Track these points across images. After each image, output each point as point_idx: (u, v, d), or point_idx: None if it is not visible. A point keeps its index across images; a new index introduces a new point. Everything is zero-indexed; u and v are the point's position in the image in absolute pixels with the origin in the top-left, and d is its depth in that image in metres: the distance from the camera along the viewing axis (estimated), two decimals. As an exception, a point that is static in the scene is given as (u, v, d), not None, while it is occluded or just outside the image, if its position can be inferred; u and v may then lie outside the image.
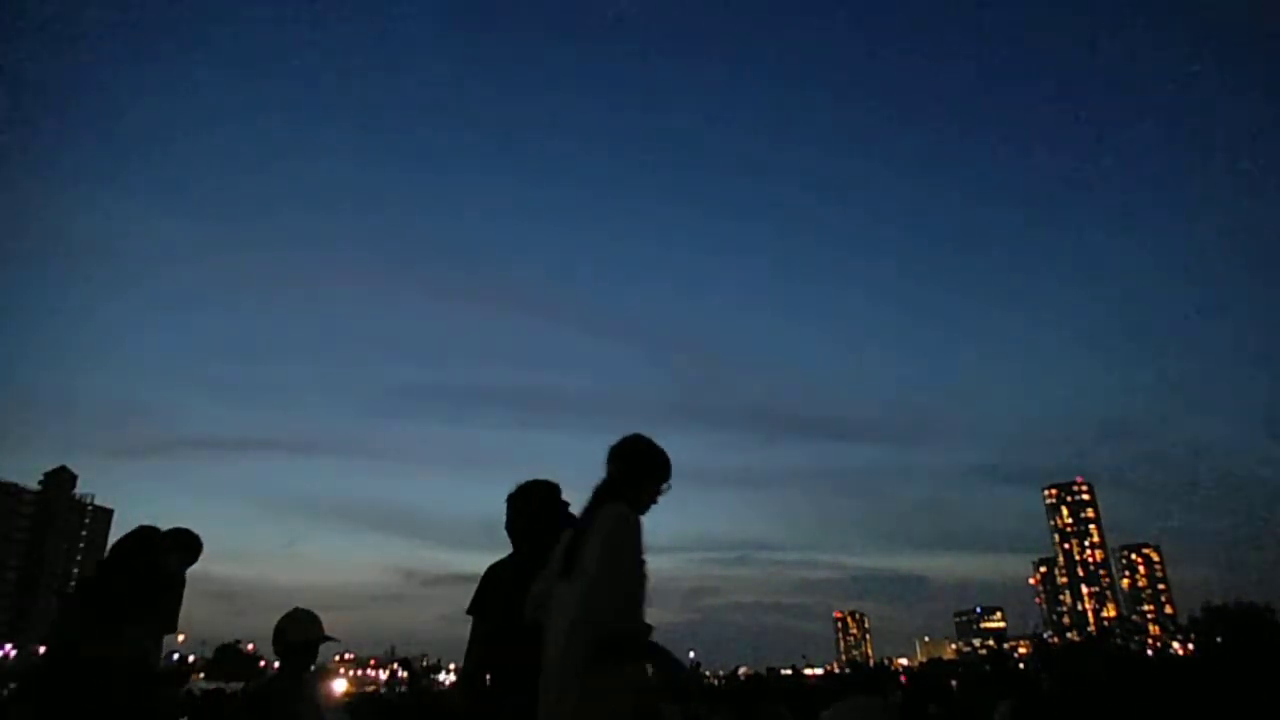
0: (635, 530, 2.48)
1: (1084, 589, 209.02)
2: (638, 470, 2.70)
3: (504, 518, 3.22)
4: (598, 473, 2.75)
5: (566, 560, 2.54)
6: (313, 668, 3.63)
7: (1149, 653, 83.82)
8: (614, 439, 2.80)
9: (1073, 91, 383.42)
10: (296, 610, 3.55)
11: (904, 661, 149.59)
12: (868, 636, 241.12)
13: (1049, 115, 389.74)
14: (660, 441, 2.78)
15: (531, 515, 3.15)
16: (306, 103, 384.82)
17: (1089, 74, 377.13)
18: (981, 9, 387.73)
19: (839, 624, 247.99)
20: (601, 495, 2.64)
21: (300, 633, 3.47)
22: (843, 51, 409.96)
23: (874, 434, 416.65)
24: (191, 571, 4.28)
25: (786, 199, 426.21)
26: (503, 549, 3.24)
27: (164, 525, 4.15)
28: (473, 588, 3.14)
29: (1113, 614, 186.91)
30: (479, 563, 3.11)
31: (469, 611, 3.11)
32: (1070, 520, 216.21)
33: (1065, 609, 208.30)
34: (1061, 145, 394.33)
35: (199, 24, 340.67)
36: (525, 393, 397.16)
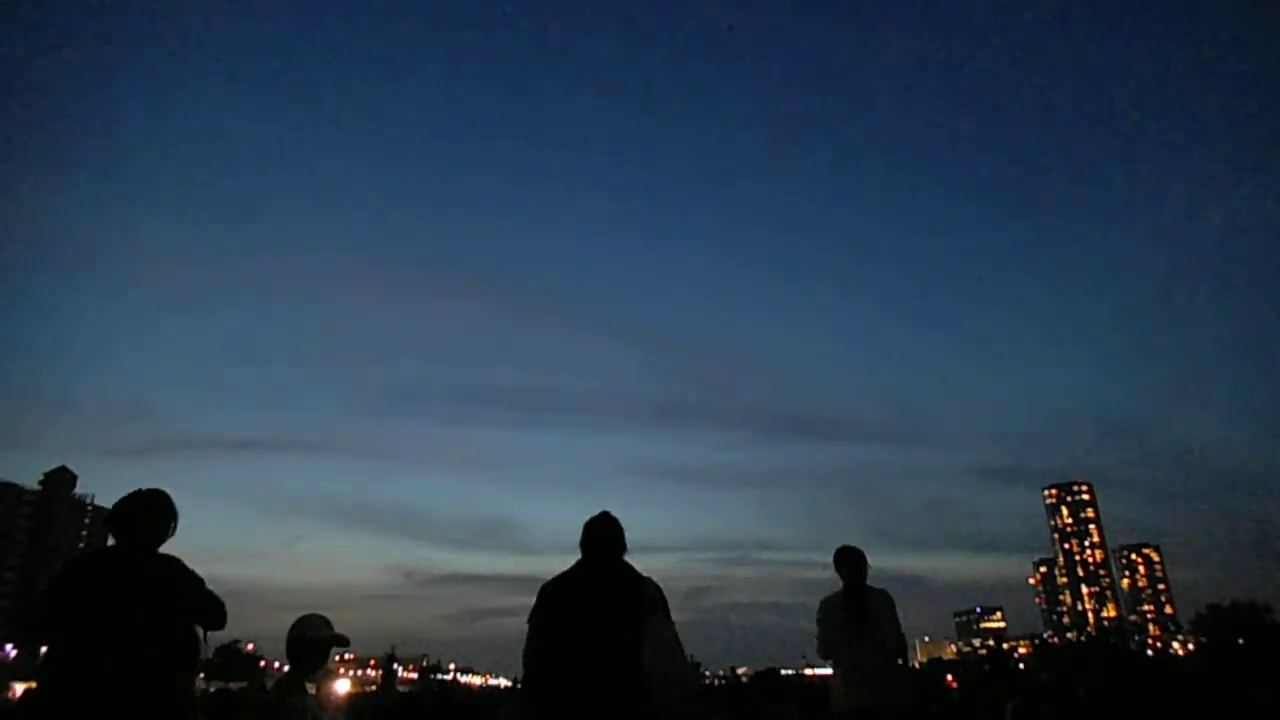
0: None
1: (1084, 589, 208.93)
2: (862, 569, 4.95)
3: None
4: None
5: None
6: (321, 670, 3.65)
7: (1149, 653, 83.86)
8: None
9: (1073, 92, 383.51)
10: (312, 615, 3.58)
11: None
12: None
13: (1052, 117, 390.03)
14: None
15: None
16: (306, 105, 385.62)
17: (1089, 75, 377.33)
18: (985, 12, 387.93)
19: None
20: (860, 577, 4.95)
21: (316, 632, 3.50)
22: (844, 55, 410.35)
23: (874, 434, 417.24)
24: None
25: (787, 201, 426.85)
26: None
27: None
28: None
29: (1113, 614, 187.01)
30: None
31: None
32: (1070, 520, 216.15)
33: (1065, 609, 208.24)
34: (1063, 146, 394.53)
35: (200, 27, 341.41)
36: (525, 393, 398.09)
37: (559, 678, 2.87)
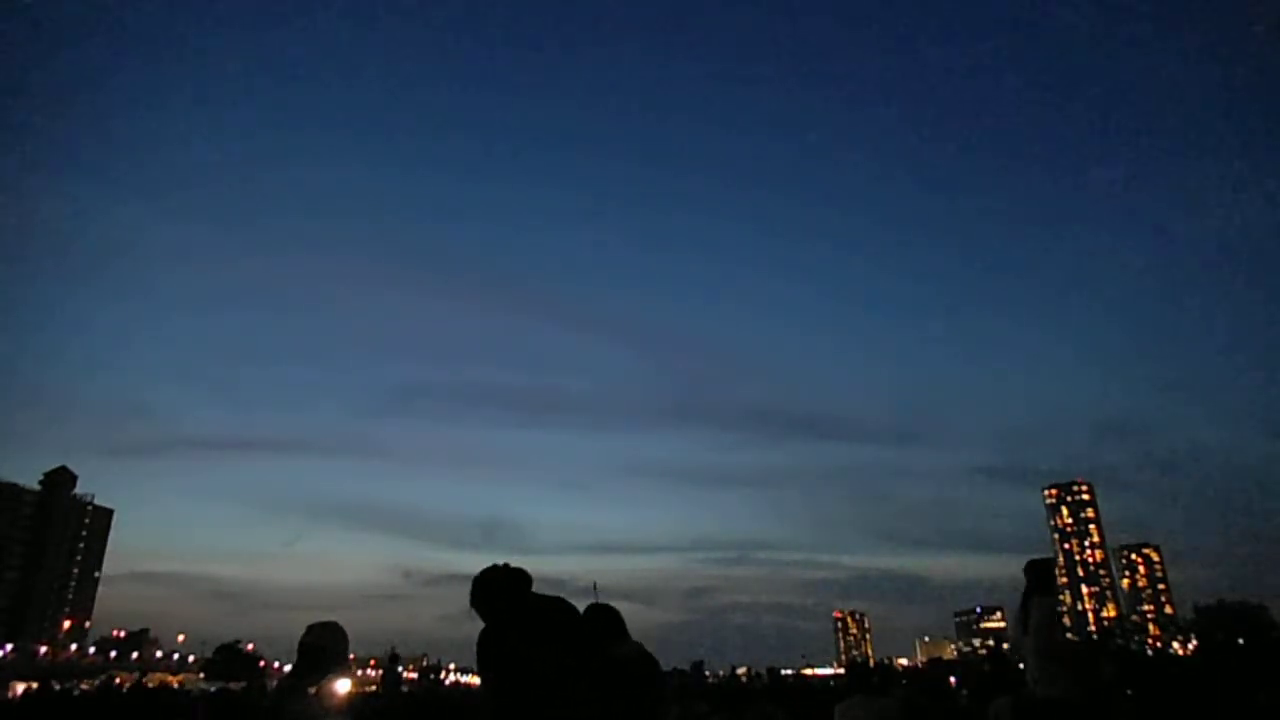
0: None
1: (1084, 589, 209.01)
2: (1047, 579, 5.76)
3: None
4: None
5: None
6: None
7: (1149, 653, 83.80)
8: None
9: (1073, 93, 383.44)
10: (332, 625, 3.60)
11: (904, 661, 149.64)
12: (868, 636, 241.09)
13: (1052, 118, 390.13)
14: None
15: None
16: (306, 107, 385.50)
17: (1088, 76, 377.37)
18: (983, 14, 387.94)
19: (839, 624, 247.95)
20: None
21: (326, 640, 3.52)
22: (844, 56, 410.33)
23: (874, 434, 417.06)
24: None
25: (787, 201, 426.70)
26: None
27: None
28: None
29: (1113, 614, 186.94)
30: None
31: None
32: (1070, 520, 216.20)
33: (1065, 609, 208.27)
34: (1063, 146, 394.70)
35: (202, 29, 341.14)
36: (525, 393, 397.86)
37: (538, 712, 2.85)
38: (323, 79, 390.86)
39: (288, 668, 3.72)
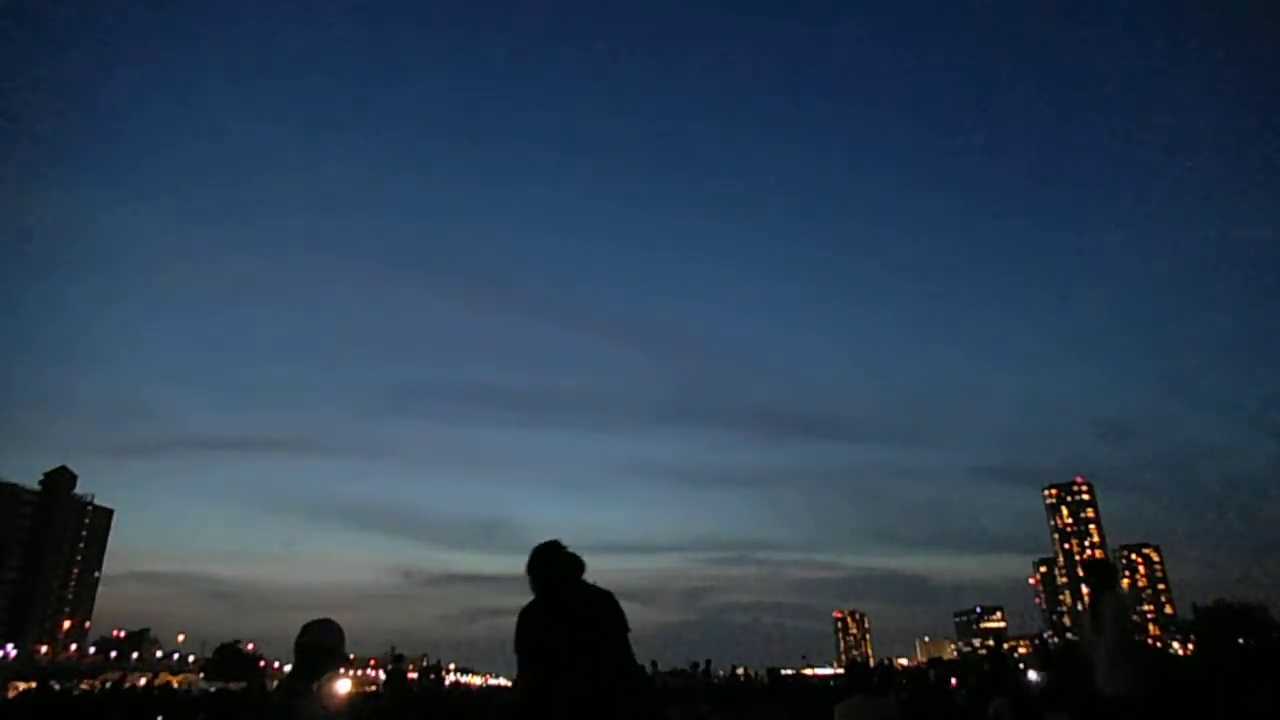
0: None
1: (1084, 589, 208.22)
2: (1109, 577, 6.27)
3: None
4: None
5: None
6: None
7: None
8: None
9: (1072, 94, 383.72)
10: (326, 622, 3.60)
11: (904, 661, 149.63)
12: (868, 636, 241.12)
13: (1051, 118, 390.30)
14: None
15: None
16: (307, 107, 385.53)
17: (1086, 76, 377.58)
18: (978, 14, 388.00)
19: (839, 624, 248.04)
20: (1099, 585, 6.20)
21: (324, 639, 3.52)
22: (841, 55, 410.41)
23: (874, 434, 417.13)
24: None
25: (786, 202, 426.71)
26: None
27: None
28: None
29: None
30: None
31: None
32: (1070, 520, 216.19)
33: (1065, 609, 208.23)
34: (1063, 146, 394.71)
35: (203, 28, 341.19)
36: (525, 393, 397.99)
37: (564, 696, 2.93)
38: (323, 79, 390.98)
39: (288, 668, 3.71)
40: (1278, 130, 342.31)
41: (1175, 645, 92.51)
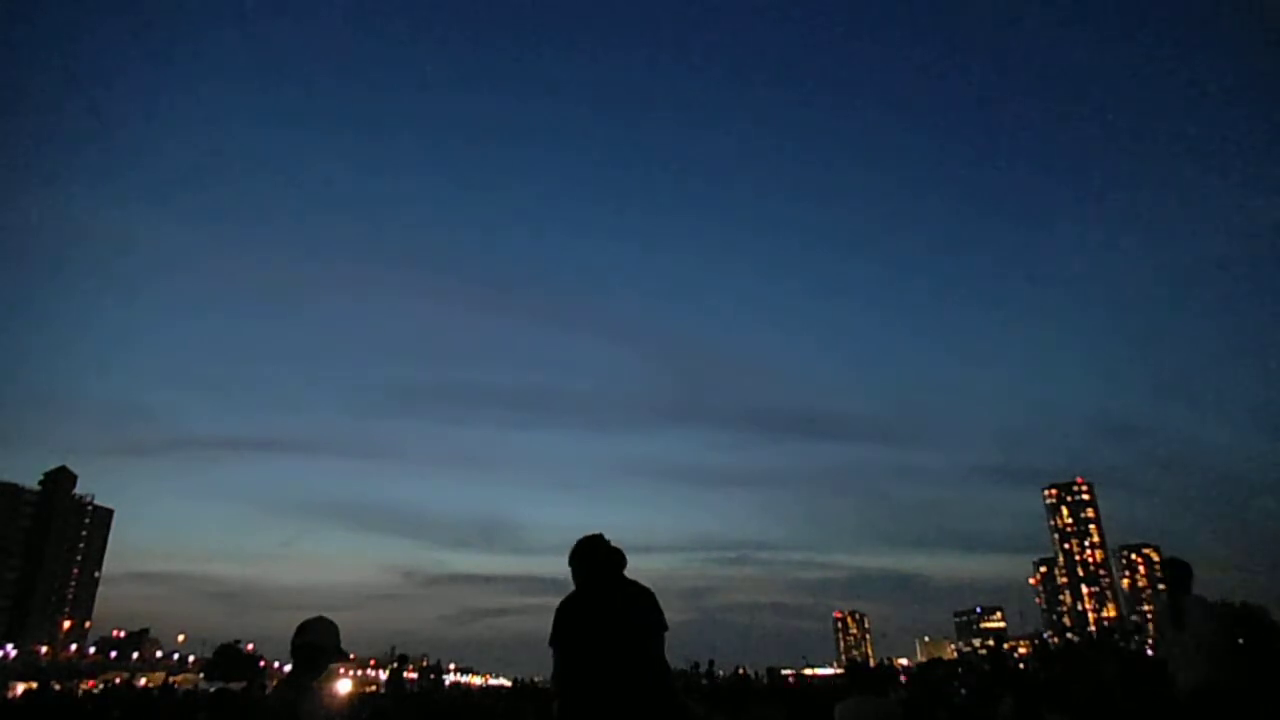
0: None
1: (1084, 589, 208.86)
2: (1189, 577, 6.03)
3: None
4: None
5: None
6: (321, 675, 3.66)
7: (1149, 653, 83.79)
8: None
9: (1070, 95, 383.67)
10: (320, 620, 3.60)
11: (904, 661, 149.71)
12: (868, 636, 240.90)
13: (1051, 118, 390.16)
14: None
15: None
16: (306, 108, 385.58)
17: (1085, 77, 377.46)
18: (976, 15, 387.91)
19: (839, 624, 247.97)
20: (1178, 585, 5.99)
21: (322, 638, 3.52)
22: (836, 57, 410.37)
23: (873, 434, 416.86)
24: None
25: (786, 203, 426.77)
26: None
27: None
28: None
29: (1113, 614, 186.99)
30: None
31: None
32: (1070, 520, 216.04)
33: (1065, 609, 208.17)
34: (1063, 146, 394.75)
35: (202, 30, 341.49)
36: (525, 393, 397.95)
37: (599, 692, 2.93)
38: (323, 79, 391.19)
39: (288, 668, 3.71)
40: (1278, 130, 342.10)
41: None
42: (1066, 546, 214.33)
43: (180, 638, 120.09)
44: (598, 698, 2.91)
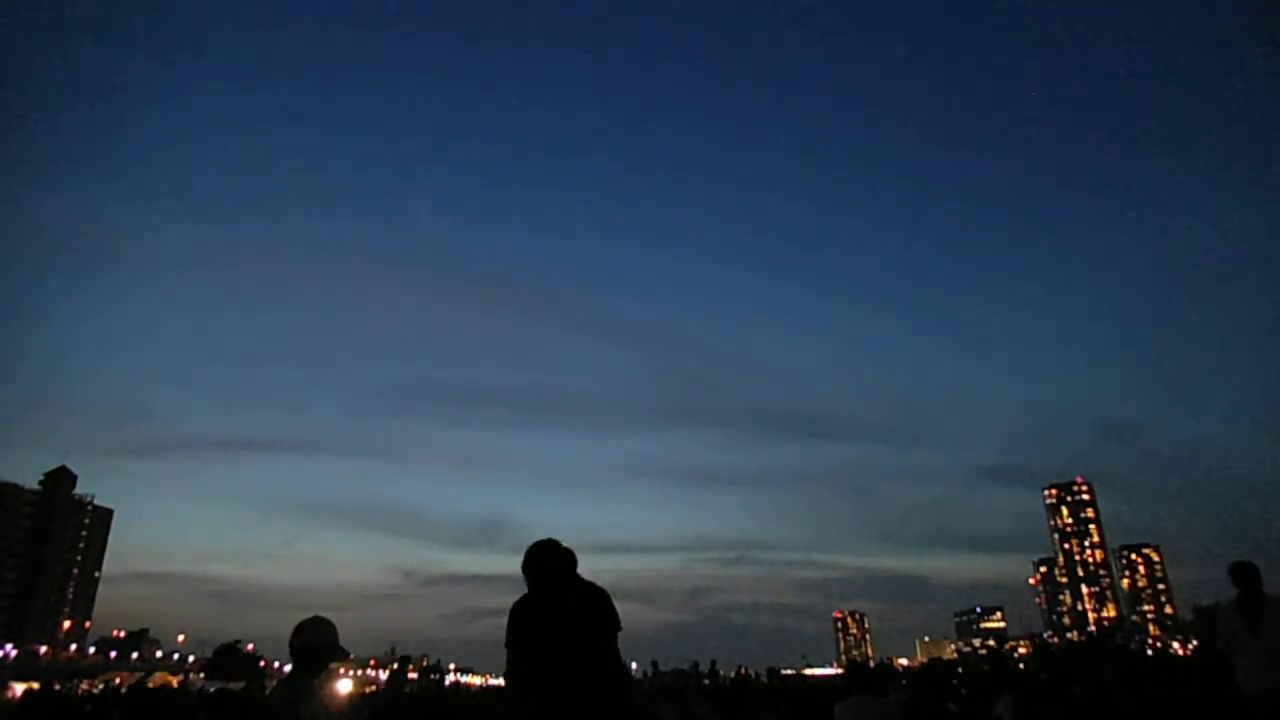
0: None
1: (1084, 589, 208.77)
2: (1259, 579, 5.85)
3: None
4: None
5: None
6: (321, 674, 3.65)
7: (1149, 653, 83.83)
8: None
9: (1073, 94, 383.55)
10: (318, 620, 3.59)
11: (904, 661, 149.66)
12: (868, 636, 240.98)
13: (1051, 118, 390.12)
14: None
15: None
16: (308, 108, 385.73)
17: (1085, 77, 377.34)
18: (976, 16, 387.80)
19: (839, 624, 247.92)
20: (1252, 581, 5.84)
21: (320, 638, 3.51)
22: (838, 59, 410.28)
23: (874, 434, 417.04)
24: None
25: (786, 203, 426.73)
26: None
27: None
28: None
29: (1113, 614, 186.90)
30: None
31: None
32: (1070, 520, 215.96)
33: (1065, 609, 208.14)
34: (1063, 147, 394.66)
35: (204, 31, 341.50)
36: (525, 393, 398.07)
37: (560, 693, 2.96)
38: (323, 79, 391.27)
39: (288, 668, 3.70)
40: (1278, 131, 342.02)
41: (1175, 645, 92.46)
42: (1066, 546, 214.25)
43: (180, 638, 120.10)
44: (559, 698, 2.94)
